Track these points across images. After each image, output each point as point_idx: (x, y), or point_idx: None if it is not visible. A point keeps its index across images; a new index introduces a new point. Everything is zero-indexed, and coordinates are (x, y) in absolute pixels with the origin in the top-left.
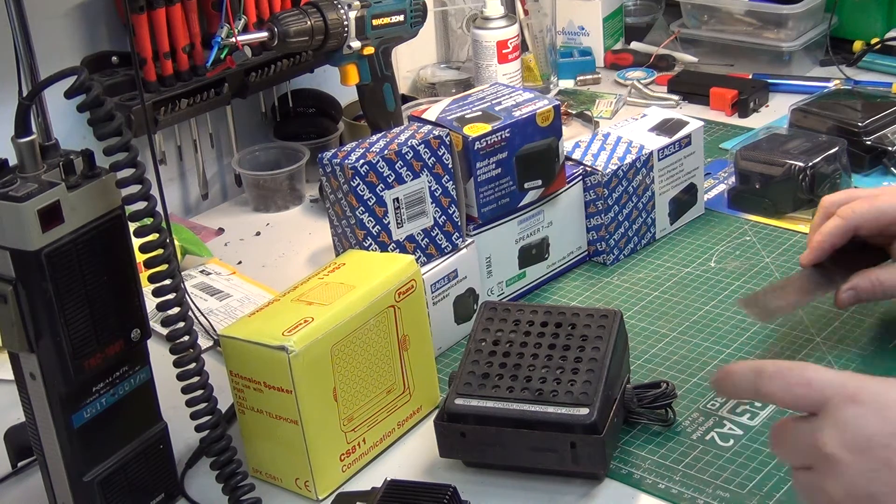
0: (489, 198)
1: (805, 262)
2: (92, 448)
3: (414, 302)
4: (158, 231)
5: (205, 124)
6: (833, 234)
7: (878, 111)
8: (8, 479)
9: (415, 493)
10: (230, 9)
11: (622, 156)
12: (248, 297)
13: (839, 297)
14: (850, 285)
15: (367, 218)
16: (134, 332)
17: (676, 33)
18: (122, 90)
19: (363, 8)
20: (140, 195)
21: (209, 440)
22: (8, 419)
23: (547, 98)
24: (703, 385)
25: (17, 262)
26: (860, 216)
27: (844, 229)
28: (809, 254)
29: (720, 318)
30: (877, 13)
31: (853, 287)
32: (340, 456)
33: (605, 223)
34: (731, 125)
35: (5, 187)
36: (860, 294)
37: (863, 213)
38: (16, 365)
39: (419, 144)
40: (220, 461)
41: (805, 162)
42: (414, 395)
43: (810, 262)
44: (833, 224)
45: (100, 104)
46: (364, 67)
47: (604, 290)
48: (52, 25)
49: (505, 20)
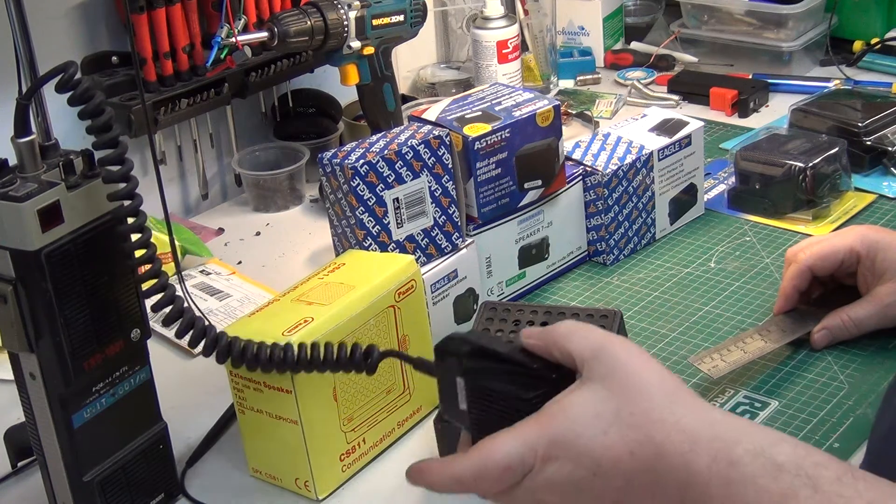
0: (489, 198)
1: (776, 310)
2: (92, 448)
3: (414, 302)
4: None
5: (205, 124)
6: (792, 277)
7: (878, 111)
8: (8, 479)
9: None
10: (230, 9)
11: (622, 156)
12: (248, 297)
13: (813, 337)
14: (822, 325)
15: (367, 218)
16: (134, 332)
17: (676, 33)
18: (122, 90)
19: (363, 8)
20: (125, 193)
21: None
22: (8, 419)
23: (547, 98)
24: (703, 385)
25: (17, 262)
26: (811, 257)
27: (800, 272)
28: (778, 302)
29: (720, 318)
30: (877, 13)
31: (825, 327)
32: (340, 456)
33: (605, 223)
34: (731, 125)
35: (5, 187)
36: (833, 332)
37: (813, 254)
38: (16, 365)
39: (419, 144)
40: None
41: (805, 162)
42: (414, 395)
43: (780, 309)
44: (791, 270)
45: (90, 98)
46: (364, 67)
47: (604, 290)
48: (52, 25)
49: (505, 20)
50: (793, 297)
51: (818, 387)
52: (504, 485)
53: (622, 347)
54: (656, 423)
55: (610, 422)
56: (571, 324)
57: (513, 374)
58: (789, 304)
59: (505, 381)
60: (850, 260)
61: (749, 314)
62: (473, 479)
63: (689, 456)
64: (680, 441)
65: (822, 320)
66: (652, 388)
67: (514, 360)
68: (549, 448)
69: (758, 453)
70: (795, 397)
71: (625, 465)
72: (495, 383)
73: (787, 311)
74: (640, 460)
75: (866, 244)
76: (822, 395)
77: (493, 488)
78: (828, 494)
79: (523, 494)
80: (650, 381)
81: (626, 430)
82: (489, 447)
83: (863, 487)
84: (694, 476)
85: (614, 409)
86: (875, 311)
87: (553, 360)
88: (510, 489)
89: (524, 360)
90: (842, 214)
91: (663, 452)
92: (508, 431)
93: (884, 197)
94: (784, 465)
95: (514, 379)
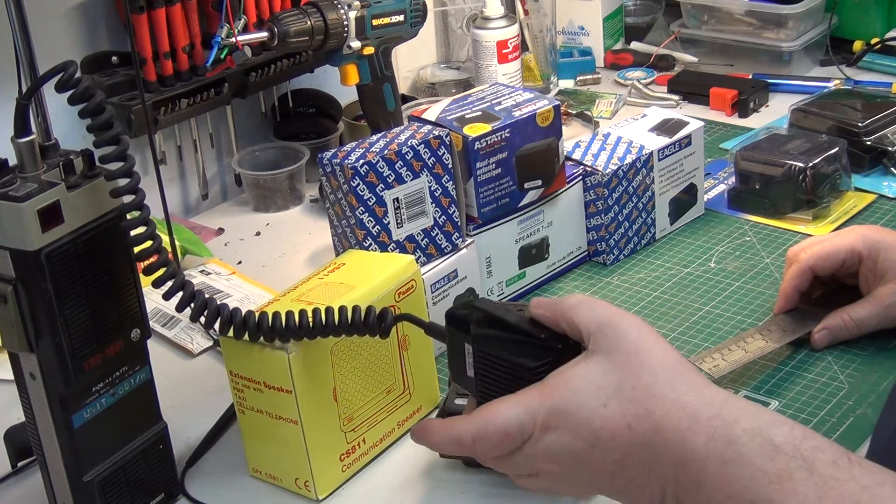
0: (489, 198)
1: (776, 309)
2: (92, 448)
3: (414, 302)
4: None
5: (205, 124)
6: (793, 277)
7: (878, 111)
8: (8, 479)
9: None
10: (230, 9)
11: (622, 156)
12: (248, 297)
13: (814, 337)
14: (822, 325)
15: (367, 218)
16: (134, 332)
17: (676, 33)
18: (122, 90)
19: (363, 8)
20: (128, 189)
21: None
22: (8, 419)
23: (547, 98)
24: None
25: (17, 262)
26: (812, 257)
27: (801, 271)
28: (778, 301)
29: (720, 318)
30: (877, 13)
31: (826, 326)
32: (340, 456)
33: (605, 223)
34: (731, 125)
35: (5, 187)
36: (833, 332)
37: (814, 254)
38: (16, 365)
39: (419, 144)
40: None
41: (805, 162)
42: (414, 395)
43: (780, 309)
44: (792, 269)
45: (90, 97)
46: (364, 67)
47: (604, 290)
48: (52, 25)
49: (505, 20)
50: (793, 297)
51: (818, 387)
52: (503, 450)
53: (629, 323)
54: (656, 398)
55: (610, 395)
56: (580, 297)
57: (520, 344)
58: (790, 304)
59: (511, 350)
60: (852, 260)
61: (749, 314)
62: (472, 441)
63: (687, 434)
64: (678, 417)
65: (823, 320)
66: (655, 363)
67: (521, 330)
68: (548, 417)
69: (755, 433)
70: (795, 397)
71: (623, 438)
72: (502, 351)
73: (787, 310)
74: (637, 434)
75: (868, 244)
76: (822, 395)
77: (491, 452)
78: (823, 477)
79: (522, 461)
80: (654, 357)
81: (626, 403)
82: (491, 412)
83: (858, 472)
84: (690, 453)
85: (616, 383)
86: (876, 312)
87: (560, 332)
88: (509, 455)
89: (532, 329)
90: (842, 214)
91: (661, 428)
92: (510, 398)
93: (884, 197)
94: (781, 447)
95: (520, 348)
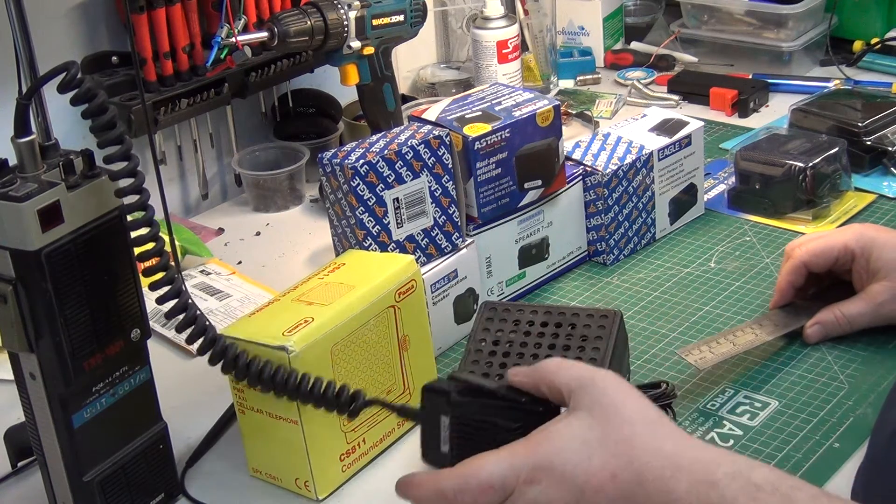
0: (489, 198)
1: (771, 304)
2: (92, 448)
3: (414, 302)
4: (150, 224)
5: (205, 124)
6: (788, 273)
7: (878, 111)
8: (8, 479)
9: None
10: (230, 9)
11: (622, 156)
12: (248, 297)
13: (806, 332)
14: (815, 320)
15: (367, 218)
16: (134, 332)
17: (676, 33)
18: (122, 90)
19: (363, 8)
20: (133, 188)
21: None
22: (8, 419)
23: (547, 98)
24: (704, 385)
25: (17, 262)
26: (806, 253)
27: (795, 267)
28: (774, 296)
29: (720, 318)
30: (877, 13)
31: (818, 321)
32: (340, 456)
33: (605, 223)
34: (731, 125)
35: (5, 187)
36: (826, 327)
37: (808, 251)
38: (16, 365)
39: (419, 144)
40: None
41: (805, 162)
42: (414, 395)
43: (775, 303)
44: (787, 265)
45: (92, 97)
46: (364, 67)
47: (604, 290)
48: (52, 25)
49: (505, 20)
50: (788, 293)
51: (818, 387)
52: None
53: (607, 380)
54: (638, 449)
55: (594, 448)
56: (558, 360)
57: (500, 409)
58: (784, 299)
59: (492, 413)
60: (845, 257)
61: (749, 314)
62: (454, 495)
63: (671, 482)
64: (661, 466)
65: (815, 315)
66: (635, 417)
67: (501, 396)
68: (533, 471)
69: (736, 475)
70: (795, 397)
71: (608, 490)
72: (483, 416)
73: (782, 305)
74: (622, 485)
75: (861, 242)
76: (822, 395)
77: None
78: None
79: None
80: (633, 411)
81: (610, 456)
82: (474, 465)
83: None
84: (675, 501)
85: (599, 437)
86: (868, 309)
87: (541, 395)
88: None
89: (512, 395)
90: (842, 214)
91: (644, 479)
92: (496, 452)
93: (884, 197)
94: (762, 486)
95: (501, 412)
